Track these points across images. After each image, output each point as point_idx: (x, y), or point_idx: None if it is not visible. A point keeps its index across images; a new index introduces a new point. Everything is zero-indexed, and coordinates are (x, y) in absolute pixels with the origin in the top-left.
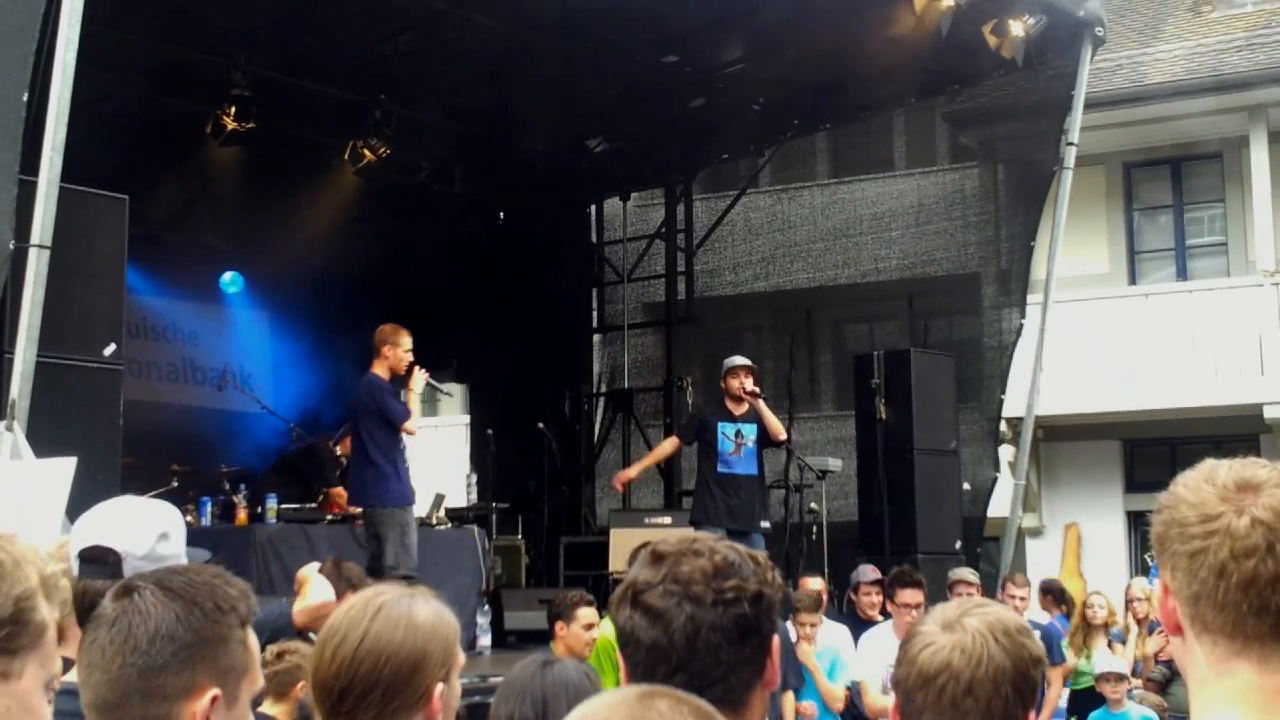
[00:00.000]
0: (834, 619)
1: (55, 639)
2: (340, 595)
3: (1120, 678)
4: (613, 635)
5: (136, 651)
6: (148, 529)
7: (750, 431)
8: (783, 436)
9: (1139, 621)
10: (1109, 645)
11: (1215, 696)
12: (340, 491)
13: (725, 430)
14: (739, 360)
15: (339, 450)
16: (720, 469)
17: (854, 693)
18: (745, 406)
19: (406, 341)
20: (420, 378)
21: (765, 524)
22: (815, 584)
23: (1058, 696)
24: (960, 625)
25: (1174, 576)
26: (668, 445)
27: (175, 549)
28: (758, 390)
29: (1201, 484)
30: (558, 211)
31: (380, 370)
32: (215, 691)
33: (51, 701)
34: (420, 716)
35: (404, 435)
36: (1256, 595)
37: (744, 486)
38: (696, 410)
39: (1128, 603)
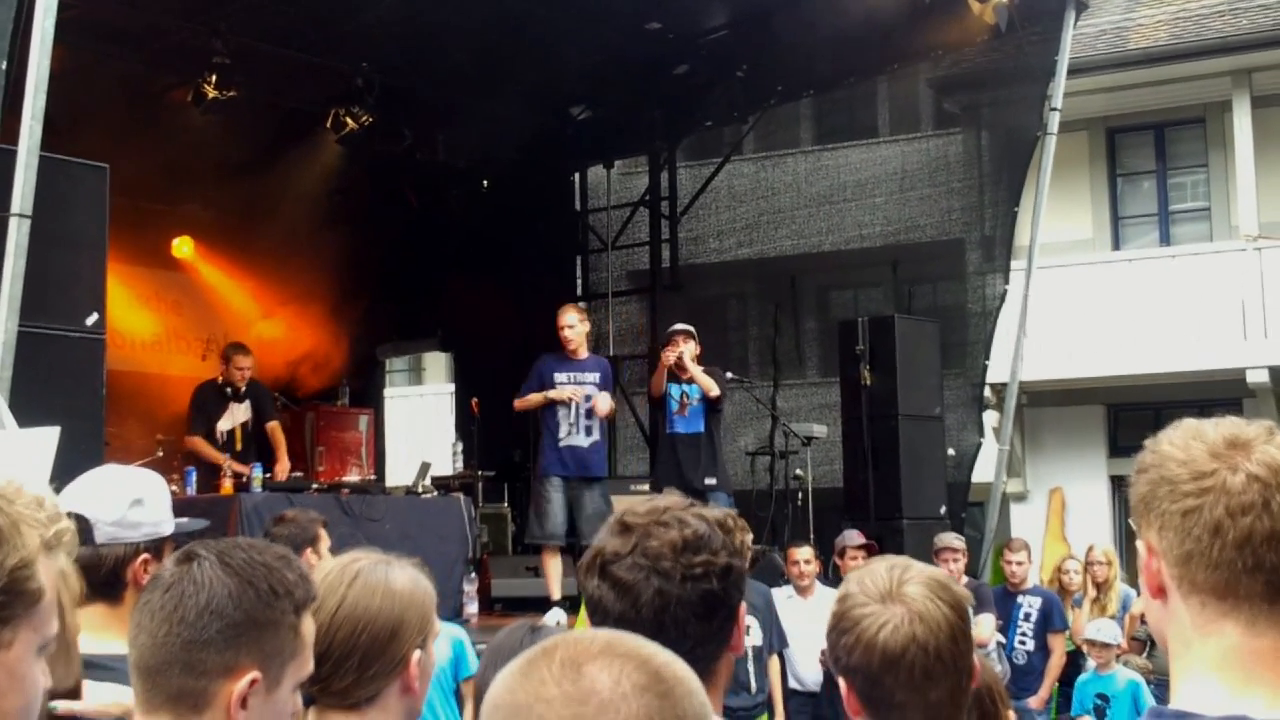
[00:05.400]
0: (822, 584)
1: (54, 602)
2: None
3: (1105, 646)
4: None
5: (184, 622)
6: (120, 495)
7: (694, 391)
8: (715, 393)
9: (1097, 586)
10: (1071, 609)
11: (1199, 658)
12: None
13: (673, 392)
14: (675, 327)
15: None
16: (668, 429)
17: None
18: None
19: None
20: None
21: (710, 480)
22: (804, 552)
23: (1060, 665)
24: (903, 595)
25: (1162, 536)
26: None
27: (153, 515)
28: (681, 358)
29: (1190, 441)
30: (541, 179)
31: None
32: (255, 674)
33: (46, 669)
34: (397, 684)
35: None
36: (1251, 553)
37: (689, 444)
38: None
39: (1087, 565)
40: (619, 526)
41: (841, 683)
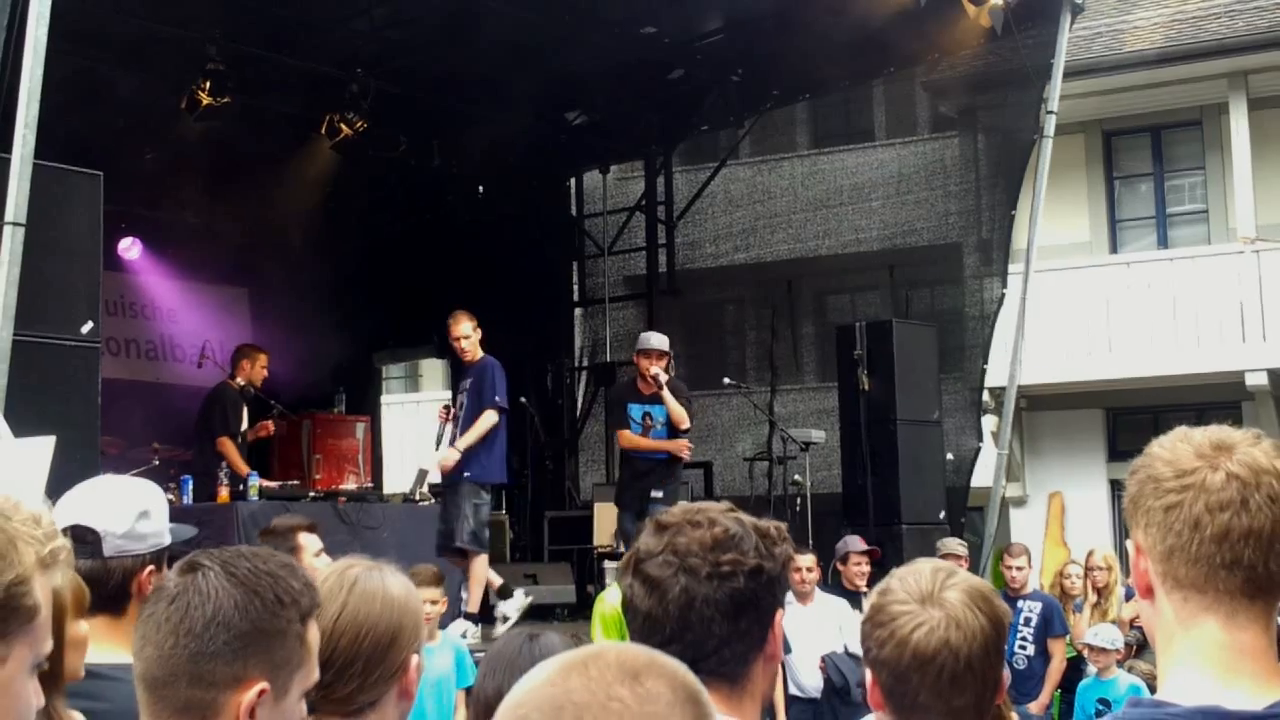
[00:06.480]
0: (822, 590)
1: (49, 619)
2: None
3: (1104, 651)
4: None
5: (190, 634)
6: (128, 507)
7: (659, 413)
8: (685, 426)
9: (1098, 591)
10: (1071, 614)
11: (1180, 651)
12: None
13: (633, 413)
14: (652, 342)
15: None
16: (630, 452)
17: (829, 664)
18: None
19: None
20: None
21: (658, 493)
22: (806, 560)
23: (1060, 670)
24: (942, 600)
25: (1147, 533)
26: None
27: (157, 526)
28: (658, 376)
29: (1177, 443)
30: (537, 185)
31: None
32: (263, 685)
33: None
34: (396, 688)
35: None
36: (1229, 549)
37: (651, 469)
38: (614, 394)
39: (1087, 571)
40: (655, 526)
41: (868, 674)
